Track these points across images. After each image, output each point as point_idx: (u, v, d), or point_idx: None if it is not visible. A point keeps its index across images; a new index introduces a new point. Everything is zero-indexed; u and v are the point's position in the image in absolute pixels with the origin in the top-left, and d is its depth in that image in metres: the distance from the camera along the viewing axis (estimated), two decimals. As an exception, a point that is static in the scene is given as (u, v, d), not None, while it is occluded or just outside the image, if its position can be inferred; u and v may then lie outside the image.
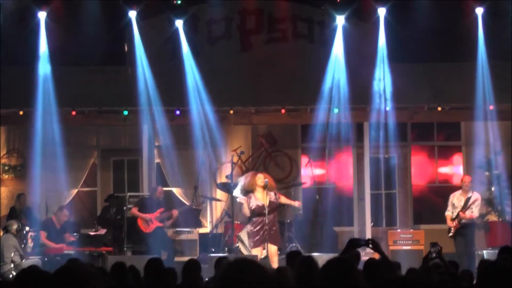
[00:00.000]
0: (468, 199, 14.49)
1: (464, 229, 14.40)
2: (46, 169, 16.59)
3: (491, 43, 16.44)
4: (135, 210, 15.14)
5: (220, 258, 11.32)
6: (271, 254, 13.23)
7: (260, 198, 13.32)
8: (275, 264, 12.96)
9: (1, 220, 16.40)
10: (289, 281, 6.76)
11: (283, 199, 13.75)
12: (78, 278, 4.04)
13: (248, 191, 13.44)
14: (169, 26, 16.81)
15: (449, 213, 14.64)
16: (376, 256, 6.60)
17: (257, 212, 13.36)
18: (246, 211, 13.47)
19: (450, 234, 14.50)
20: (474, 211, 14.44)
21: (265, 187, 13.31)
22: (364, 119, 16.84)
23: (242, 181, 13.75)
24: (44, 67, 16.33)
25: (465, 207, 14.42)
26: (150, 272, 7.75)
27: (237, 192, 13.73)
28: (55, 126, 16.26)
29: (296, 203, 14.18)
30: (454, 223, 14.44)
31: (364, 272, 6.48)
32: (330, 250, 14.87)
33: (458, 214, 14.45)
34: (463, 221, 14.37)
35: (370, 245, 6.38)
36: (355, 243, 6.38)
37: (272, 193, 13.46)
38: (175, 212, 15.23)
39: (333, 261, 4.66)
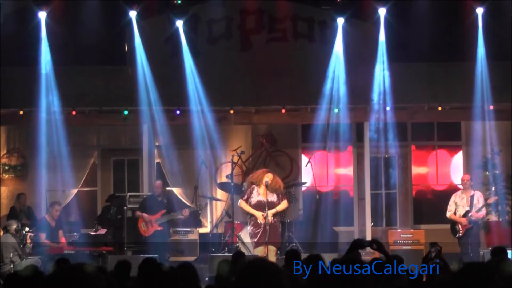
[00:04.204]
0: (472, 198, 14.46)
1: (472, 229, 14.39)
2: (46, 168, 16.59)
3: (491, 43, 16.44)
4: (138, 212, 15.18)
5: (238, 252, 11.31)
6: (269, 255, 13.22)
7: (262, 194, 13.33)
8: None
9: (1, 220, 16.41)
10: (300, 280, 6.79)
11: (280, 207, 13.54)
12: (70, 279, 4.03)
13: (253, 182, 13.45)
14: (169, 26, 16.82)
15: (451, 212, 14.60)
16: (377, 255, 6.59)
17: (256, 207, 13.34)
18: (243, 205, 13.45)
19: (459, 234, 14.44)
20: (482, 210, 14.49)
21: (266, 186, 13.31)
22: (364, 119, 16.84)
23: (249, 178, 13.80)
24: (44, 67, 16.33)
25: (472, 206, 14.39)
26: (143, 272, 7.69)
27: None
28: (55, 125, 16.27)
29: (269, 218, 13.66)
30: (464, 223, 14.37)
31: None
32: (330, 250, 14.87)
33: (466, 214, 14.40)
34: (473, 219, 14.36)
35: (374, 246, 6.36)
36: (359, 244, 6.36)
37: (274, 195, 13.42)
38: (186, 212, 15.23)
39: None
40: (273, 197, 13.39)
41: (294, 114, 16.99)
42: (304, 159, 18.01)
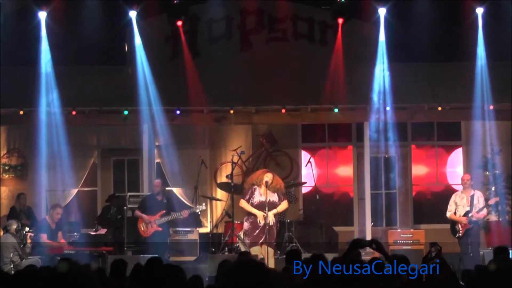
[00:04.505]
0: (472, 198, 14.47)
1: (472, 229, 14.42)
2: (46, 168, 16.59)
3: (491, 43, 16.44)
4: (137, 212, 15.15)
5: (224, 261, 11.29)
6: (268, 255, 13.21)
7: (264, 194, 13.34)
8: (271, 265, 12.95)
9: (1, 220, 16.41)
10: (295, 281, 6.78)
11: (280, 207, 13.56)
12: (72, 278, 4.03)
13: (253, 183, 13.48)
14: (169, 26, 16.82)
15: (451, 212, 14.61)
16: (377, 255, 6.59)
17: (257, 207, 13.35)
18: (244, 205, 13.45)
19: (459, 234, 14.46)
20: (483, 211, 14.51)
21: (267, 186, 13.32)
22: (364, 119, 16.84)
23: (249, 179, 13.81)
24: (44, 67, 16.34)
25: (472, 206, 14.41)
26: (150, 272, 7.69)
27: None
28: (55, 125, 16.27)
29: (270, 219, 13.67)
30: (464, 223, 14.39)
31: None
32: (330, 250, 14.87)
33: (466, 214, 14.42)
34: (474, 219, 14.38)
35: (373, 246, 6.36)
36: (358, 244, 6.35)
37: (275, 195, 13.42)
38: (186, 213, 15.18)
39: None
40: (274, 197, 13.39)
41: (294, 114, 16.98)
42: (304, 159, 18.01)
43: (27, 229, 14.67)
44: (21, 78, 16.48)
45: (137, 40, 16.53)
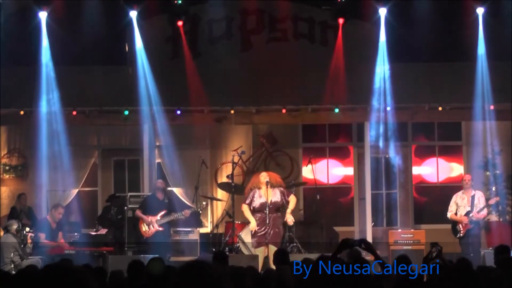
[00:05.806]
0: (472, 198, 14.49)
1: (472, 230, 14.43)
2: (47, 169, 16.59)
3: (491, 43, 16.44)
4: (138, 212, 15.12)
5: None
6: (271, 255, 13.21)
7: (264, 195, 13.35)
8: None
9: (1, 220, 16.41)
10: (289, 281, 6.77)
11: (292, 204, 13.64)
12: (70, 277, 4.03)
13: (252, 189, 13.53)
14: (169, 26, 16.83)
15: (451, 213, 14.64)
16: (371, 257, 6.58)
17: (259, 209, 13.38)
18: (244, 209, 13.51)
19: (460, 235, 14.48)
20: (483, 211, 14.52)
21: (267, 184, 13.35)
22: (365, 119, 16.83)
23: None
24: (44, 67, 16.34)
25: (473, 206, 14.43)
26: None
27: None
28: (56, 125, 16.27)
29: (289, 220, 13.82)
30: (465, 222, 14.41)
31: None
32: (330, 250, 14.83)
33: (467, 214, 14.44)
34: (474, 220, 14.40)
35: (363, 246, 6.36)
36: (347, 243, 6.36)
37: (278, 192, 13.45)
38: (187, 212, 15.17)
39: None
40: (276, 197, 13.41)
41: (295, 114, 16.98)
42: (304, 159, 18.00)
43: (27, 229, 14.65)
44: (21, 78, 16.49)
45: (138, 40, 16.54)
